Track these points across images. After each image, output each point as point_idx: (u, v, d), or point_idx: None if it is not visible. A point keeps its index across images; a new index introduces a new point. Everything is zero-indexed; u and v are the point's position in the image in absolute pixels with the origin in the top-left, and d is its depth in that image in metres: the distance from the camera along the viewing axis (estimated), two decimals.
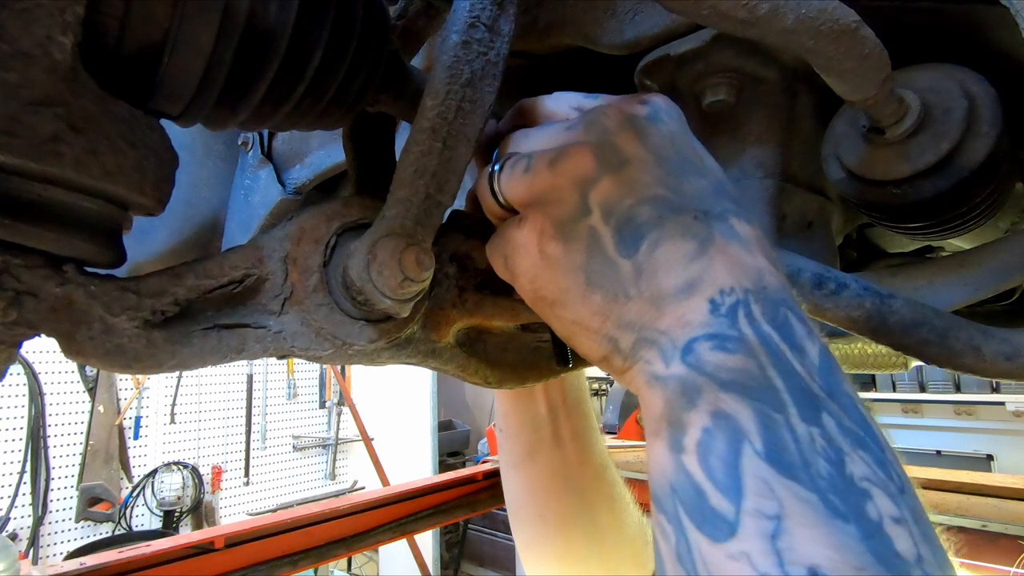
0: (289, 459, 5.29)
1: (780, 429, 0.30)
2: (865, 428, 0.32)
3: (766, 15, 0.41)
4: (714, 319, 0.34)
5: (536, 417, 0.77)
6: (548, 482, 0.78)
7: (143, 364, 0.39)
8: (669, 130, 0.40)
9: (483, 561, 5.28)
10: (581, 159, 0.38)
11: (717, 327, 0.33)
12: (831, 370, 0.34)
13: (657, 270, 0.35)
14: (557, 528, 0.79)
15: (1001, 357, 0.51)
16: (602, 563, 0.80)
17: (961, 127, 0.57)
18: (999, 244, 0.63)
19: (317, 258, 0.46)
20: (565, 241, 0.38)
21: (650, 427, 0.35)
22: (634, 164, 0.38)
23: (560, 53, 0.79)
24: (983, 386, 5.35)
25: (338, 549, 2.34)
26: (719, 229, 0.36)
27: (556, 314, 0.40)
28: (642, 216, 0.37)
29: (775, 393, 0.31)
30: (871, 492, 0.29)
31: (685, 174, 0.39)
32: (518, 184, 0.42)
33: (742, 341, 0.33)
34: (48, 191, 0.33)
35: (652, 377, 0.35)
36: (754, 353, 0.32)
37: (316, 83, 0.42)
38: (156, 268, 0.42)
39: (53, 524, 3.98)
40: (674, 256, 0.35)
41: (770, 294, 0.35)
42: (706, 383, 0.32)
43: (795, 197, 0.75)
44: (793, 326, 0.34)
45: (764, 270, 0.36)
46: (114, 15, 0.33)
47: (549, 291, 0.39)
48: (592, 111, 0.41)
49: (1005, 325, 0.52)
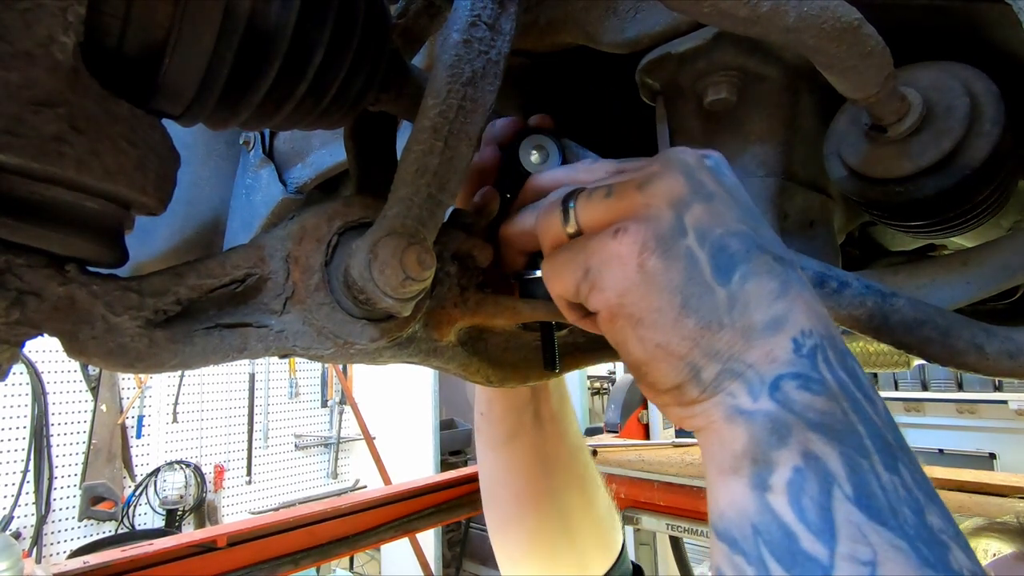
0: (291, 458, 5.30)
1: (867, 475, 0.30)
2: (928, 482, 0.33)
3: (768, 13, 0.41)
4: (797, 359, 0.34)
5: (521, 401, 0.78)
6: (527, 462, 0.80)
7: (145, 363, 0.39)
8: (733, 181, 0.41)
9: (485, 560, 5.28)
10: (673, 183, 0.38)
11: (801, 367, 0.34)
12: (894, 423, 0.35)
13: (749, 302, 0.35)
14: (531, 507, 0.80)
15: (1004, 355, 0.51)
16: (570, 543, 0.82)
17: (963, 125, 0.57)
18: (1002, 242, 0.63)
19: (319, 257, 0.46)
20: (666, 258, 0.37)
21: (725, 463, 0.34)
22: (719, 198, 0.38)
23: (561, 52, 0.79)
24: (986, 384, 5.34)
25: (340, 548, 2.34)
26: (794, 276, 0.37)
27: (639, 335, 0.37)
28: (732, 247, 0.37)
29: (859, 439, 0.32)
30: (949, 544, 0.30)
31: (758, 219, 0.40)
32: (599, 206, 0.41)
33: (824, 384, 0.33)
34: (50, 191, 0.33)
35: (736, 411, 0.34)
36: (836, 397, 0.33)
37: (317, 82, 0.42)
38: (158, 267, 0.42)
39: (56, 523, 3.99)
40: (762, 291, 0.35)
41: (837, 343, 0.36)
42: (796, 422, 0.32)
43: (797, 195, 0.75)
44: (860, 377, 0.35)
45: (830, 320, 0.37)
46: (115, 15, 0.33)
47: (639, 308, 0.37)
48: (669, 151, 0.41)
49: (1008, 323, 0.52)
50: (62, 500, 4.02)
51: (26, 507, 3.84)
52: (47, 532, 3.93)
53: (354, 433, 5.41)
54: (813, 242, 0.78)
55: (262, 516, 2.38)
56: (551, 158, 0.54)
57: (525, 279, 0.54)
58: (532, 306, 0.53)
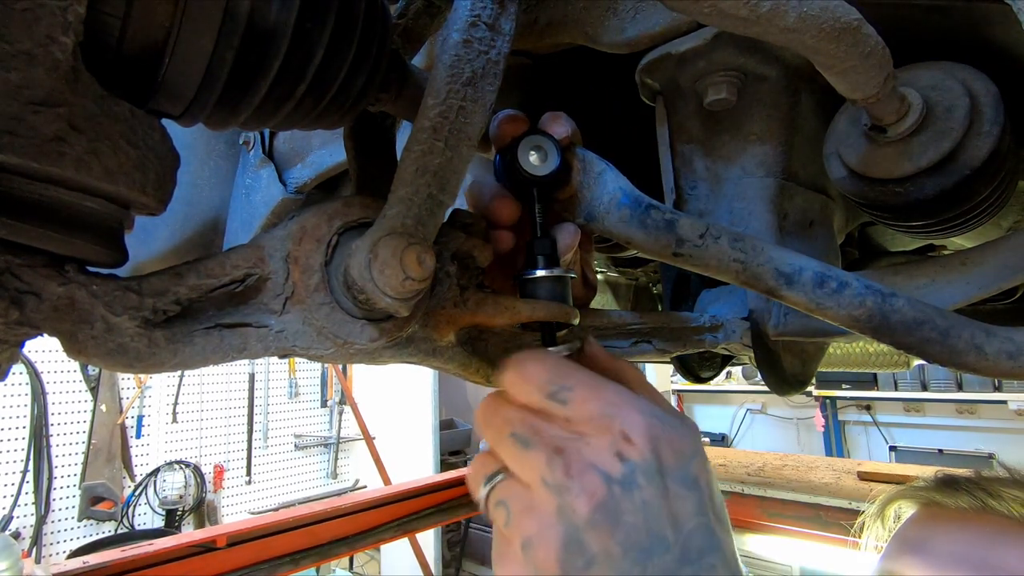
0: (291, 458, 5.30)
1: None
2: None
3: (768, 13, 0.41)
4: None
5: None
6: None
7: (145, 363, 0.39)
8: (643, 499, 0.40)
9: (485, 560, 5.28)
10: (546, 560, 0.39)
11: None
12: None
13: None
14: None
15: (1003, 356, 0.51)
16: None
17: (963, 125, 0.57)
18: (1001, 242, 0.63)
19: (318, 257, 0.46)
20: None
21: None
22: (599, 563, 0.38)
23: (561, 52, 0.79)
24: (985, 385, 5.34)
25: (340, 548, 2.34)
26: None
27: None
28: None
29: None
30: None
31: (652, 554, 0.39)
32: (498, 530, 0.44)
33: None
34: (50, 191, 0.33)
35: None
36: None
37: (317, 83, 0.42)
38: (158, 267, 0.42)
39: (56, 523, 3.99)
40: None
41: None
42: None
43: (797, 196, 0.75)
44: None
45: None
46: (115, 15, 0.33)
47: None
48: (566, 495, 0.40)
49: (1007, 324, 0.52)
50: (62, 500, 4.02)
51: (26, 507, 3.84)
52: (47, 532, 3.92)
53: (354, 433, 5.42)
54: (813, 242, 0.78)
55: (262, 516, 2.38)
56: (550, 158, 0.53)
57: (525, 279, 0.54)
58: (532, 306, 0.53)
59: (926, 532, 0.68)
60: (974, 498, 0.66)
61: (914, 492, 0.75)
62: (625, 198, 0.56)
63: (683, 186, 0.80)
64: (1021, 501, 0.64)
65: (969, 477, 0.71)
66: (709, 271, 0.57)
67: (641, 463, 0.40)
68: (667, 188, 0.81)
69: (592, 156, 0.57)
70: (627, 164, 0.64)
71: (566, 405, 0.42)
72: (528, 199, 0.54)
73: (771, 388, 0.87)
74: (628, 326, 0.74)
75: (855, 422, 6.57)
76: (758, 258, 0.55)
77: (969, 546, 0.62)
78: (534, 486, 0.41)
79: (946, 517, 0.68)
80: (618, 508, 0.39)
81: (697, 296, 0.93)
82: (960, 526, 0.65)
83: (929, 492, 0.72)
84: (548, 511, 0.40)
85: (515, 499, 0.42)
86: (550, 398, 0.43)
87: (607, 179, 0.57)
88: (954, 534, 0.65)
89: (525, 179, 0.53)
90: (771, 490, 2.94)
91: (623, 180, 0.57)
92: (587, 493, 0.40)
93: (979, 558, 0.61)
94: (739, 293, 0.85)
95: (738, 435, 7.24)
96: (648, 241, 0.56)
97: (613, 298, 1.70)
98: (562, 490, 0.40)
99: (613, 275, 1.66)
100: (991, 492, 0.66)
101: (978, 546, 0.62)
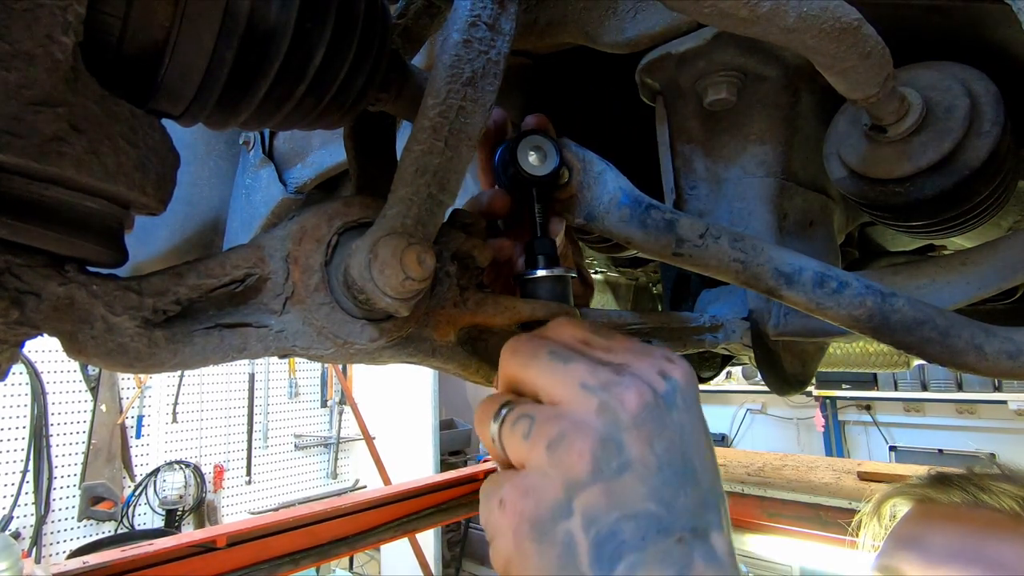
0: (291, 458, 5.30)
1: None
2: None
3: (767, 13, 0.41)
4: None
5: None
6: None
7: (145, 363, 0.39)
8: (680, 422, 0.39)
9: (485, 560, 5.28)
10: (578, 457, 0.37)
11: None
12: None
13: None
14: None
15: (1003, 356, 0.51)
16: None
17: (963, 125, 0.57)
18: (1001, 242, 0.63)
19: (318, 257, 0.46)
20: (540, 542, 0.37)
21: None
22: (634, 470, 0.37)
23: (561, 52, 0.79)
24: (985, 385, 5.34)
25: (340, 548, 2.34)
26: (700, 553, 0.36)
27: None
28: (625, 533, 0.35)
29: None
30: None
31: (682, 484, 0.38)
32: (514, 449, 0.41)
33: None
34: (50, 191, 0.33)
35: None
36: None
37: (317, 83, 0.42)
38: (158, 267, 0.42)
39: (56, 523, 3.99)
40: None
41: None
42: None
43: (796, 196, 0.75)
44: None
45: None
46: (115, 15, 0.33)
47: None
48: (614, 389, 0.39)
49: (1007, 324, 0.52)
50: (62, 500, 4.02)
51: (26, 507, 3.84)
52: (47, 532, 3.92)
53: (354, 433, 5.42)
54: (813, 242, 0.78)
55: (262, 516, 2.38)
56: (549, 158, 0.54)
57: (525, 279, 0.54)
58: (532, 306, 0.53)
59: (921, 528, 0.69)
60: (966, 493, 0.68)
61: (908, 490, 0.76)
62: (625, 198, 0.56)
63: (683, 186, 0.80)
64: (1011, 495, 0.65)
65: (961, 473, 0.72)
66: (709, 271, 0.57)
67: (681, 383, 0.41)
68: (667, 188, 0.81)
69: (592, 156, 0.57)
70: (627, 164, 0.64)
71: (609, 339, 0.43)
72: (528, 199, 0.54)
73: (771, 388, 0.87)
74: (628, 326, 0.75)
75: (855, 422, 6.57)
76: (758, 258, 0.55)
77: (963, 540, 0.64)
78: (568, 395, 0.39)
79: (940, 513, 0.69)
80: (659, 424, 0.38)
81: (697, 296, 0.93)
82: (953, 521, 0.67)
83: (923, 489, 0.73)
84: (587, 410, 0.38)
85: (541, 411, 0.40)
86: (593, 333, 0.43)
87: (607, 179, 0.57)
88: (948, 529, 0.66)
89: (525, 179, 0.53)
90: (771, 490, 2.94)
91: (623, 180, 0.57)
92: (637, 390, 0.39)
93: (973, 552, 0.62)
94: (739, 293, 0.86)
95: (738, 435, 7.24)
96: (648, 241, 0.56)
97: (613, 298, 1.70)
98: (609, 386, 0.39)
99: (613, 275, 1.66)
100: (982, 487, 0.67)
101: (971, 540, 0.63)
